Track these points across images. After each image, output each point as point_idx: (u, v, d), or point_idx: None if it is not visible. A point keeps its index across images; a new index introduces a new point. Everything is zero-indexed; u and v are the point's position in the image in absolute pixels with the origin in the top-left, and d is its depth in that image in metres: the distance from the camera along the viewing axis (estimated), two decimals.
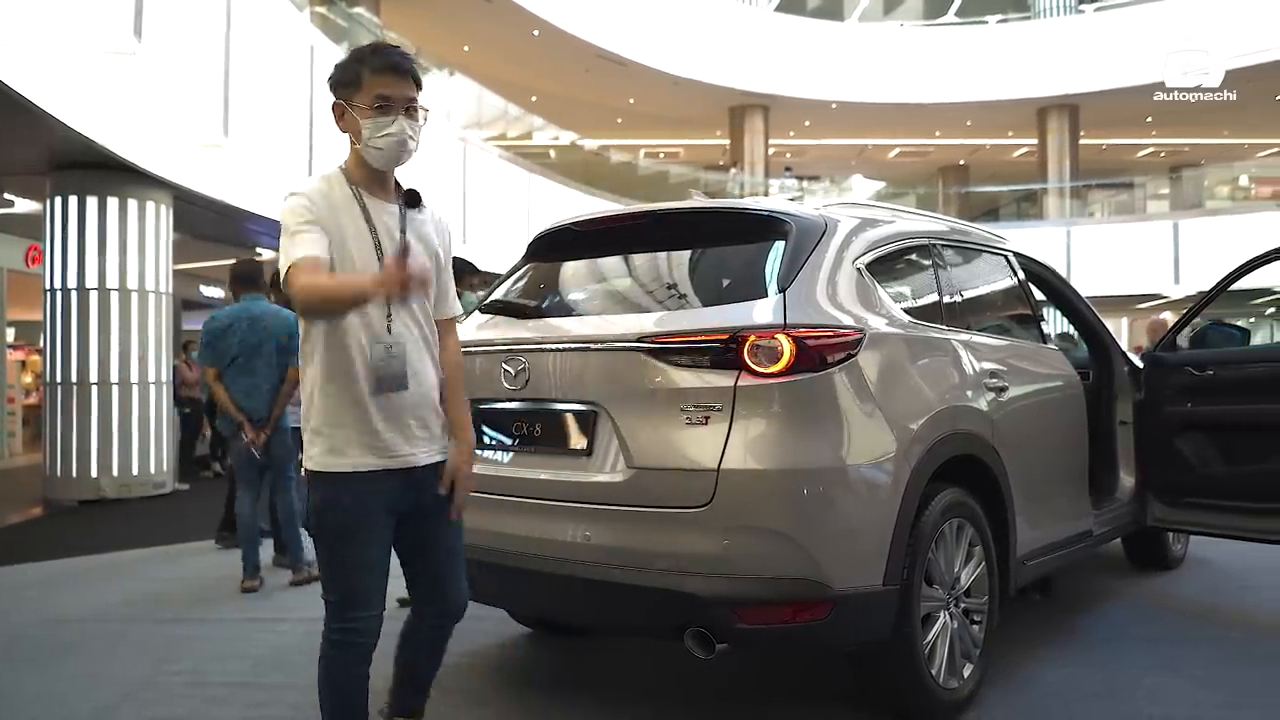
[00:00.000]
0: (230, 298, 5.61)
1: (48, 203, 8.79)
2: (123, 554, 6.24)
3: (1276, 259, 4.37)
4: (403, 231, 2.34)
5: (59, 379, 8.72)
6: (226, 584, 5.15)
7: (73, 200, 8.65)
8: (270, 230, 10.15)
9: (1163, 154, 27.05)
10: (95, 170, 8.43)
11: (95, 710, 3.30)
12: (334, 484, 2.27)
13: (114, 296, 8.71)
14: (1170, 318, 7.68)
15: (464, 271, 5.13)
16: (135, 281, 8.85)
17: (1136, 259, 19.61)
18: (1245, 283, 4.41)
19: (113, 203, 8.69)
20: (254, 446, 5.03)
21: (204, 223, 10.42)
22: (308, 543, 4.92)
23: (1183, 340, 4.60)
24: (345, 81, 2.32)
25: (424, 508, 2.39)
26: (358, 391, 2.27)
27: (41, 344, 9.59)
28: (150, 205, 8.94)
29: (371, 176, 2.35)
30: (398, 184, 2.43)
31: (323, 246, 2.21)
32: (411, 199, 2.39)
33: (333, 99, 2.36)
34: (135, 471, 8.81)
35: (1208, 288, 4.58)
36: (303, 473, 2.39)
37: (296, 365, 4.07)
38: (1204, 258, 18.11)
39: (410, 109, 2.31)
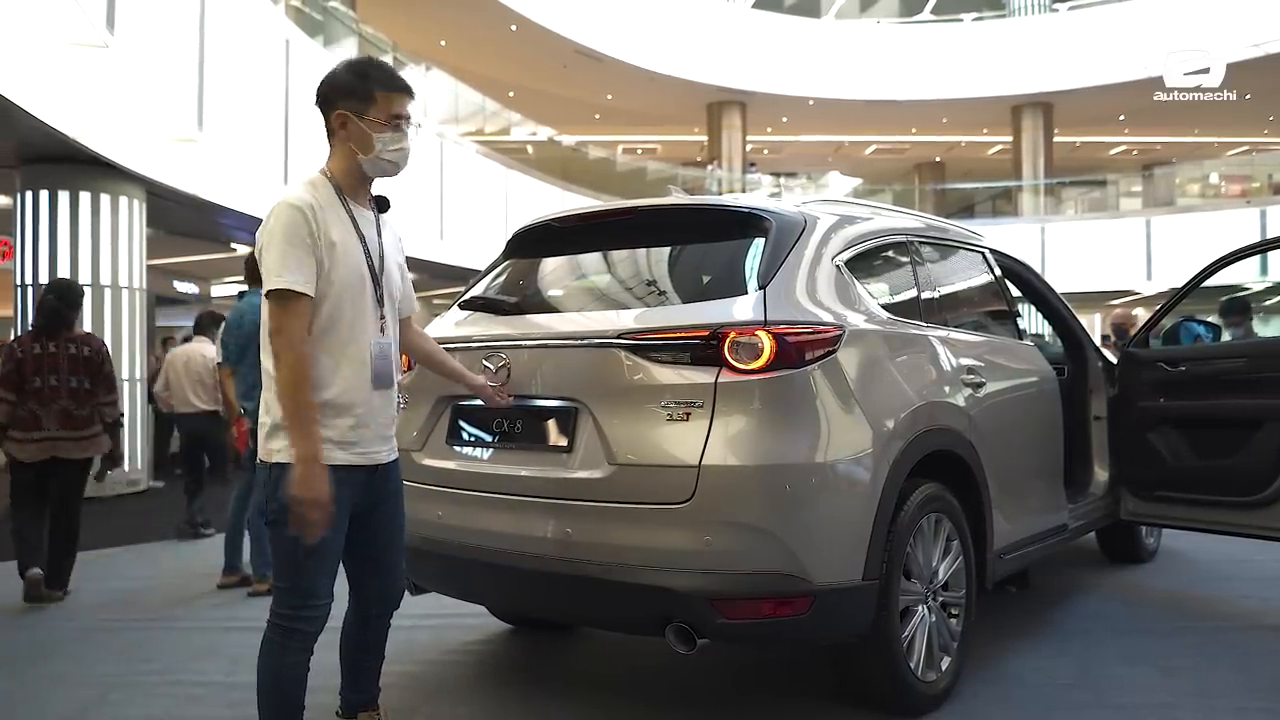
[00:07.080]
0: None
1: (18, 197, 8.65)
2: (97, 552, 6.16)
3: (1246, 256, 4.44)
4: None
5: None
6: (203, 582, 5.10)
7: (44, 195, 8.52)
8: (245, 225, 10.04)
9: (1135, 152, 27.35)
10: (66, 164, 8.30)
11: (69, 711, 3.27)
12: None
13: (86, 292, 8.54)
14: (1142, 314, 7.77)
15: None
16: (108, 277, 8.74)
17: (1110, 255, 19.83)
18: (1216, 280, 4.47)
19: (84, 197, 8.56)
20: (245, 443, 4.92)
21: (178, 218, 10.29)
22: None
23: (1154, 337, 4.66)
24: (354, 95, 2.37)
25: (379, 501, 2.49)
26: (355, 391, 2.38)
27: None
28: (123, 200, 8.82)
29: (357, 185, 2.45)
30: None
31: (312, 277, 2.27)
32: (383, 204, 2.52)
33: (333, 109, 2.39)
34: None
35: (1179, 284, 4.63)
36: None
37: None
38: (1175, 254, 18.34)
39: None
